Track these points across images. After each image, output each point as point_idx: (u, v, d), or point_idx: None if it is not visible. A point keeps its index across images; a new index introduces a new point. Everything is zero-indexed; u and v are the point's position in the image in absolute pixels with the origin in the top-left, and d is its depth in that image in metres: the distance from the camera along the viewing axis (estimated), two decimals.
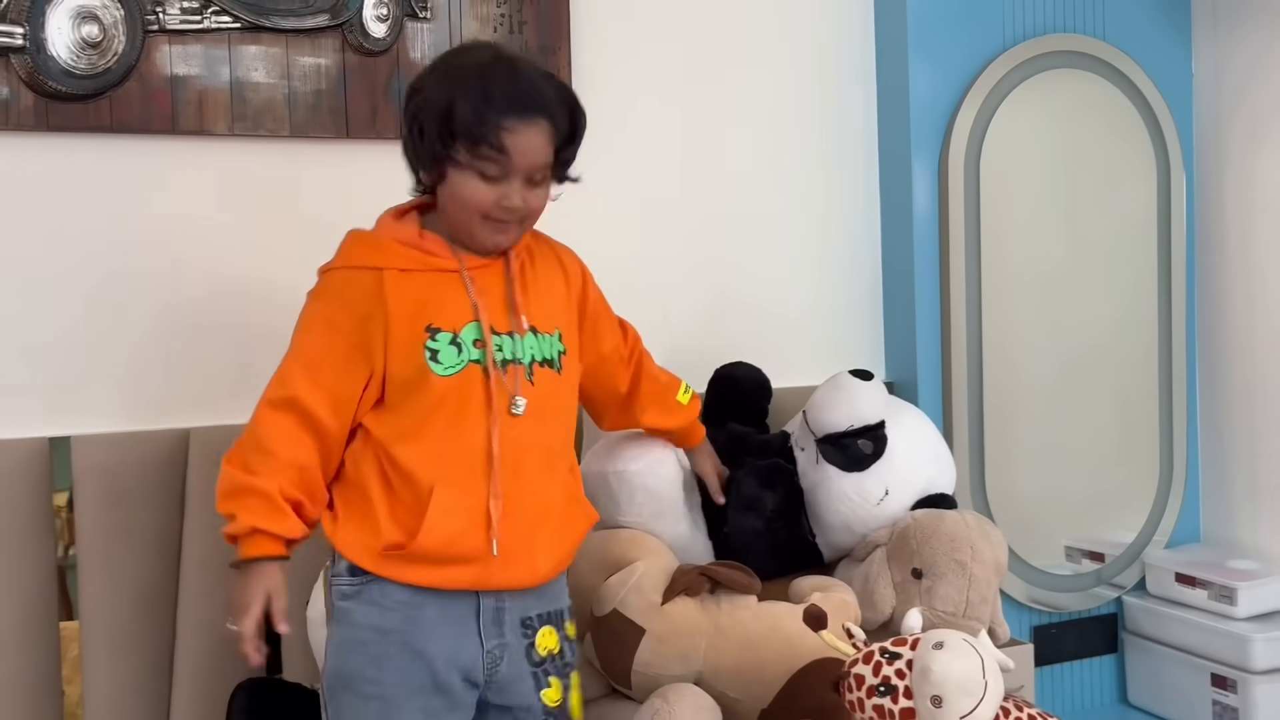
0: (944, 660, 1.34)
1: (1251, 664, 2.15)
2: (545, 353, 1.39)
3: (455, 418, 1.33)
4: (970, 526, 1.78)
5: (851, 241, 2.36)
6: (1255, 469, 2.40)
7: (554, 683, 1.41)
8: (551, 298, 1.44)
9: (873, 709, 1.39)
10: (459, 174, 1.34)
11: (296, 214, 1.95)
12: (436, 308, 1.35)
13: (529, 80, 1.35)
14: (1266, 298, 2.36)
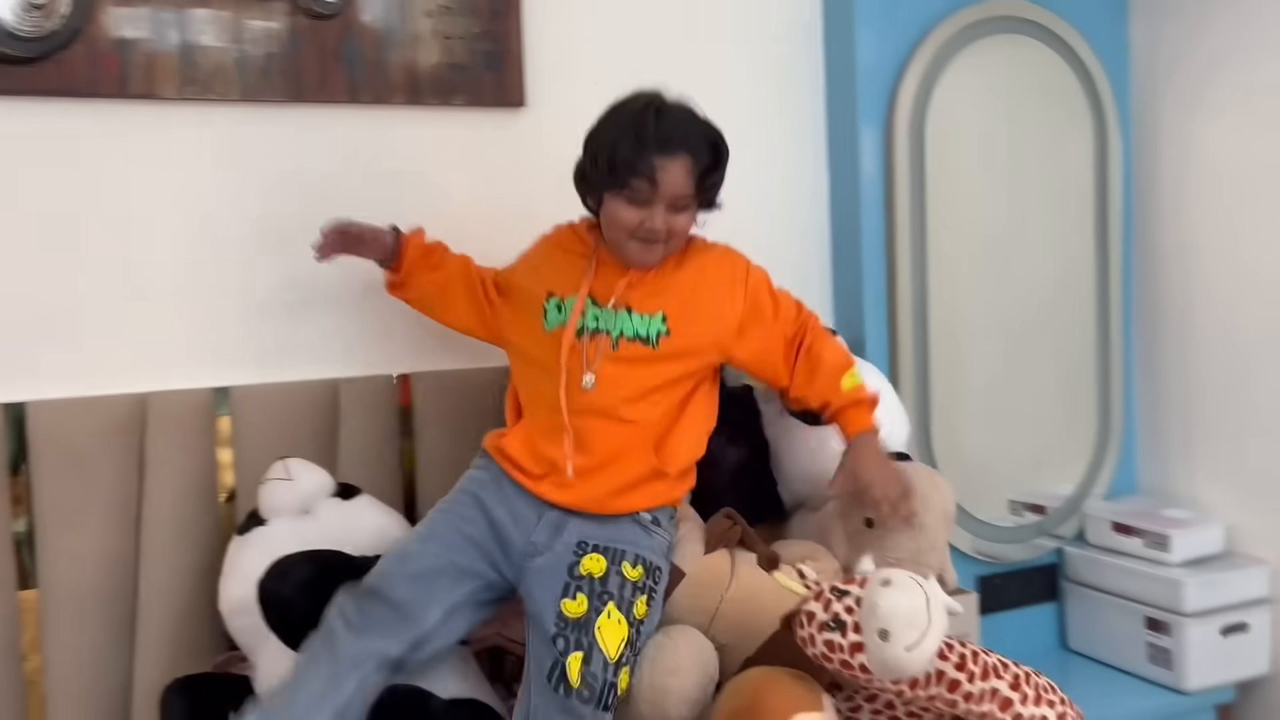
0: (891, 596, 1.39)
1: (1184, 607, 2.24)
2: (640, 330, 1.64)
3: (546, 368, 1.65)
4: (920, 478, 1.84)
5: (801, 204, 2.40)
6: (1189, 423, 2.48)
7: (581, 599, 1.54)
8: (674, 290, 1.67)
9: (823, 643, 1.44)
10: (613, 200, 1.63)
11: (248, 177, 1.96)
12: (558, 279, 1.69)
13: (675, 122, 1.63)
14: (1200, 258, 2.44)
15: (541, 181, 2.14)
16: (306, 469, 1.79)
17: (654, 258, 1.66)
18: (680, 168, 1.61)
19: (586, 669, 1.51)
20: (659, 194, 1.60)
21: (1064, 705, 1.56)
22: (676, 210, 1.63)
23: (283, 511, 1.76)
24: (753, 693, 1.49)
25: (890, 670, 1.41)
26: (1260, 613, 2.30)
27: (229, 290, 1.95)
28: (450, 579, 1.59)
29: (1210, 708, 2.31)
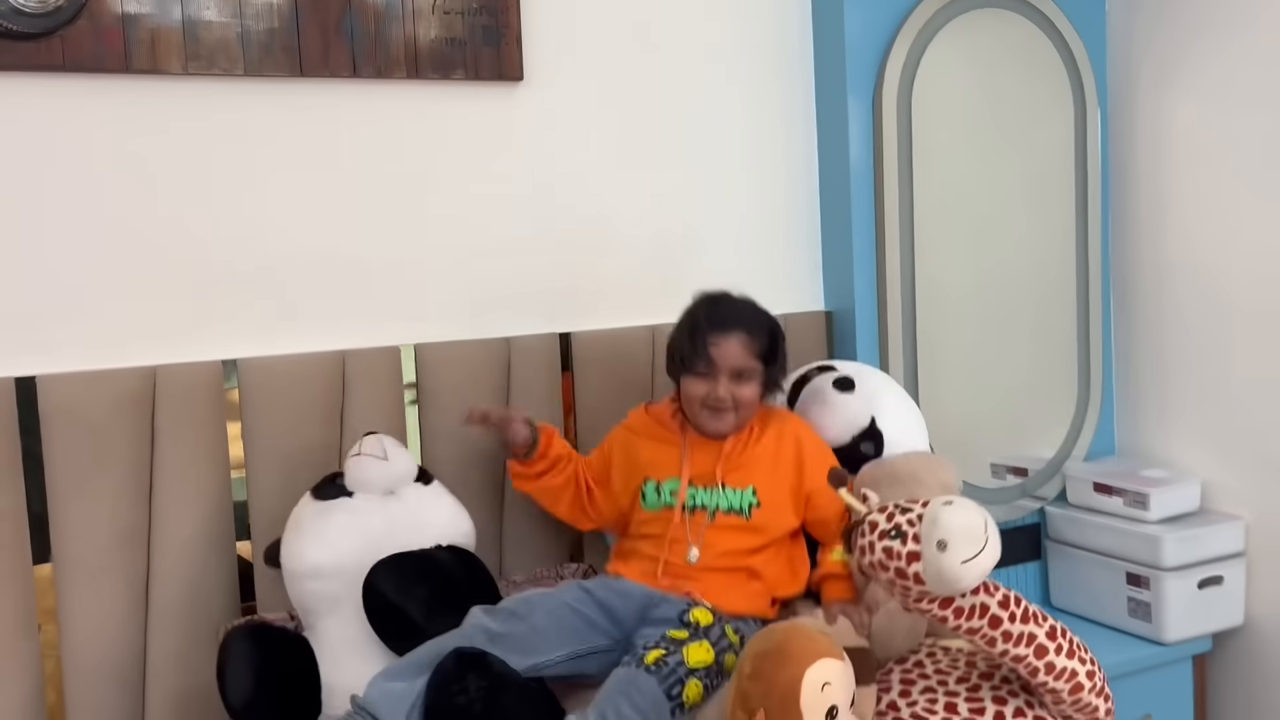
0: (952, 512, 1.45)
1: (1163, 562, 2.33)
2: (734, 503, 1.85)
3: (653, 540, 1.87)
4: (911, 461, 1.94)
5: (791, 179, 2.45)
6: (1164, 386, 2.57)
7: (684, 633, 1.67)
8: (758, 463, 1.88)
9: (882, 550, 1.49)
10: (686, 379, 1.89)
11: (253, 152, 1.98)
12: (653, 465, 1.90)
13: (728, 306, 1.92)
14: (1174, 227, 2.52)
15: (538, 154, 2.20)
16: (399, 451, 1.86)
17: (725, 425, 1.88)
18: (735, 343, 1.86)
19: (663, 658, 1.60)
20: (718, 367, 1.85)
21: (1093, 665, 1.63)
22: (739, 381, 1.86)
23: (371, 489, 1.81)
24: (781, 638, 1.54)
25: (944, 581, 1.45)
26: (1235, 566, 2.39)
27: (234, 263, 1.98)
28: (580, 626, 1.73)
29: (1188, 658, 2.40)
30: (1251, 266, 2.37)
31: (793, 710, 1.49)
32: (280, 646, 1.71)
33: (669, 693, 1.57)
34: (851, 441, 2.02)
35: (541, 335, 2.17)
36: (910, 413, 2.10)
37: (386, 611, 1.69)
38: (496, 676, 1.56)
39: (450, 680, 1.54)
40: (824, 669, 1.51)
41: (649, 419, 1.98)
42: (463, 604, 1.71)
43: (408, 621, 1.68)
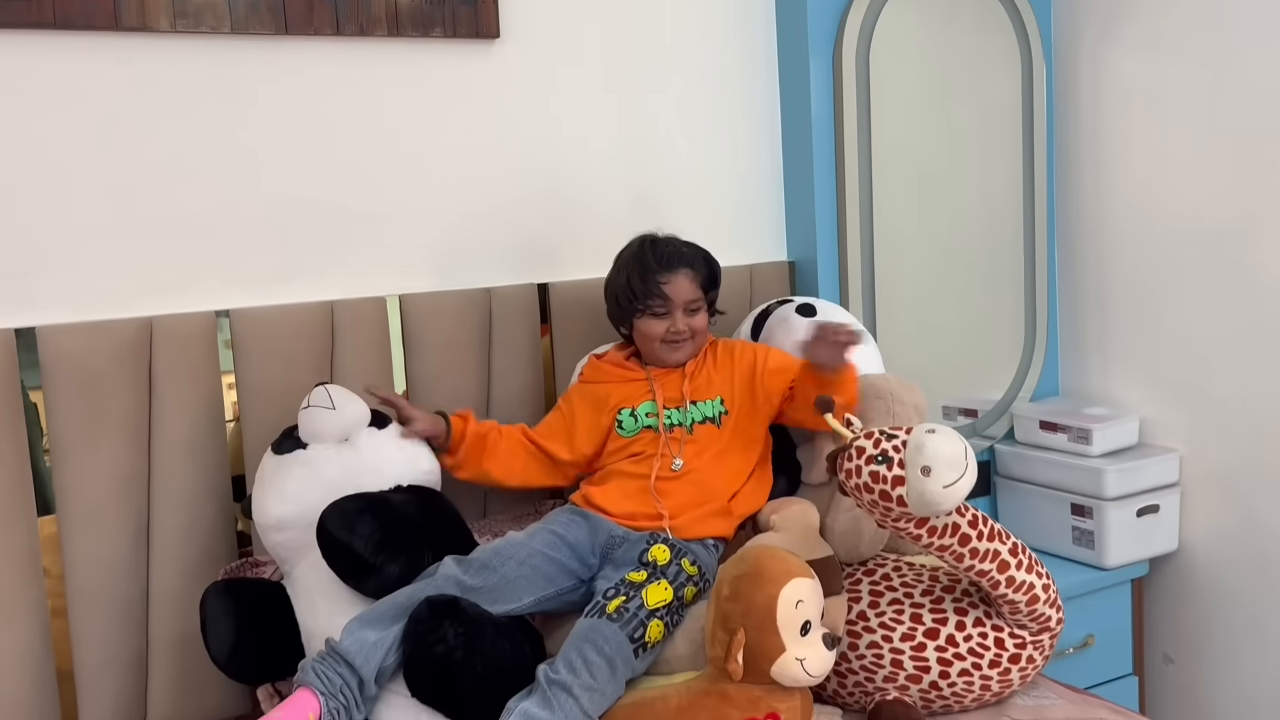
0: (936, 440, 1.56)
1: (1105, 492, 2.49)
2: (706, 414, 1.98)
3: (637, 459, 1.98)
4: (889, 380, 2.04)
5: (755, 135, 2.55)
6: (1105, 330, 2.73)
7: (643, 574, 1.76)
8: (716, 378, 2.01)
9: (868, 474, 1.60)
10: (641, 320, 2.02)
11: (241, 110, 2.03)
12: (625, 399, 2.02)
13: (668, 245, 2.04)
14: (1116, 177, 2.66)
15: (515, 110, 2.27)
16: (348, 398, 1.89)
17: (685, 354, 2.02)
18: (684, 278, 2.00)
19: (623, 604, 1.70)
20: (674, 303, 1.99)
21: (1048, 579, 1.78)
22: (692, 313, 2.01)
23: (324, 438, 1.85)
24: (755, 560, 1.66)
25: (925, 504, 1.57)
26: (1170, 496, 2.56)
27: (225, 216, 2.04)
28: (552, 572, 1.81)
29: (1127, 582, 2.58)
30: (1187, 215, 2.52)
31: (770, 627, 1.62)
32: (256, 597, 1.80)
33: (632, 636, 1.66)
34: None
35: (521, 286, 2.26)
36: (866, 340, 2.21)
37: (335, 550, 1.73)
38: (472, 621, 1.62)
39: (427, 630, 1.60)
40: (797, 588, 1.64)
41: (606, 365, 2.09)
42: (415, 540, 1.76)
43: (356, 558, 1.71)
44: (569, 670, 1.61)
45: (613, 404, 2.02)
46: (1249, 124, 2.39)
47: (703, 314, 2.04)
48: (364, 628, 1.65)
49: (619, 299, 2.04)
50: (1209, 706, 2.58)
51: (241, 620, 1.75)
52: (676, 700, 1.65)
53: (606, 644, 1.64)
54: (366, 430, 1.89)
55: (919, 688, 1.80)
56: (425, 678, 1.60)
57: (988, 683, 1.80)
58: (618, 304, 2.05)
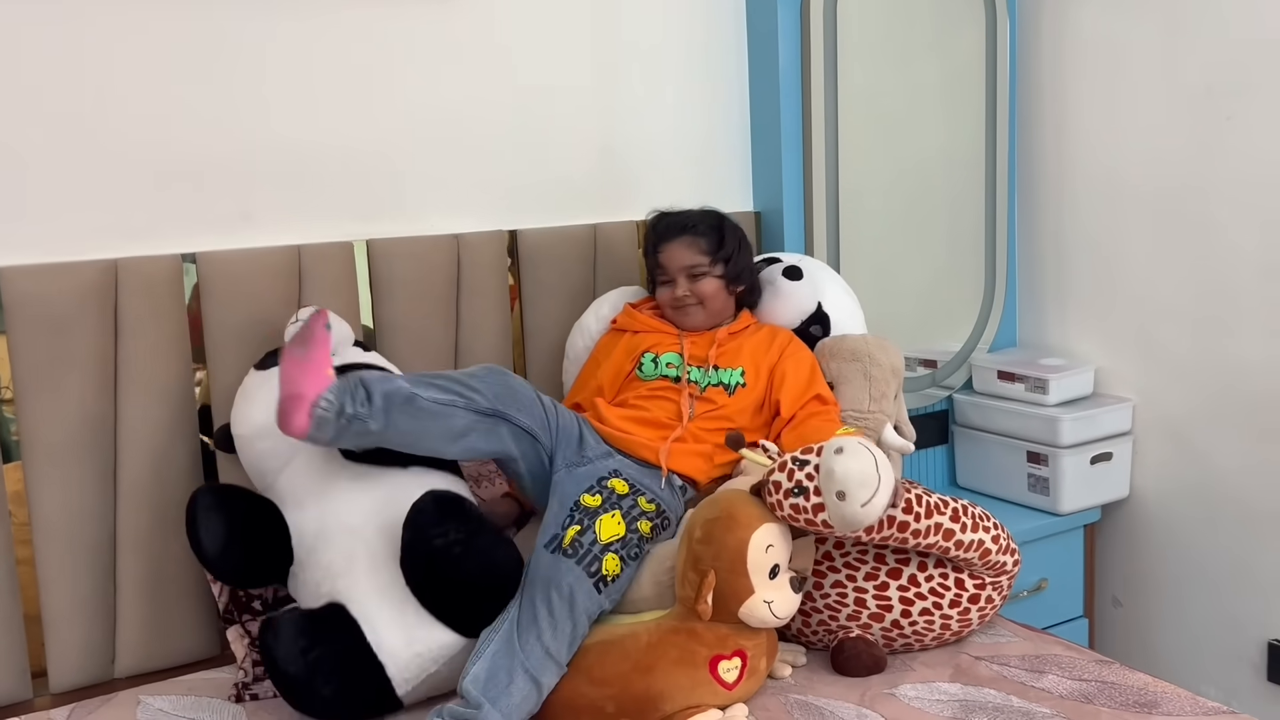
0: (844, 462, 1.59)
1: (1060, 440, 2.55)
2: (723, 380, 2.02)
3: (656, 401, 2.02)
4: (868, 341, 2.08)
5: (723, 88, 2.55)
6: (1063, 282, 2.78)
7: (599, 498, 1.80)
8: (745, 352, 2.05)
9: (789, 507, 1.65)
10: (657, 290, 2.13)
11: (209, 52, 2.00)
12: (654, 346, 2.08)
13: (671, 216, 2.14)
14: (1075, 133, 2.70)
15: (483, 59, 2.26)
16: (335, 319, 1.89)
17: (695, 320, 2.09)
18: (679, 246, 2.08)
19: (578, 537, 1.73)
20: (671, 271, 2.08)
21: (997, 529, 1.83)
22: (695, 279, 2.07)
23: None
24: (727, 505, 1.70)
25: (849, 524, 1.62)
26: (1123, 444, 2.63)
27: (192, 156, 2.01)
28: (528, 408, 1.86)
29: (1080, 527, 2.65)
30: (1145, 170, 2.57)
31: (740, 569, 1.66)
32: (246, 504, 1.81)
33: (589, 570, 1.70)
34: (801, 325, 2.18)
35: (489, 233, 2.26)
36: (849, 296, 2.26)
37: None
38: (474, 520, 1.70)
39: (430, 522, 1.67)
40: (767, 532, 1.68)
41: (642, 314, 2.14)
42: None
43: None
44: (530, 613, 1.65)
45: (642, 349, 2.08)
46: (1205, 80, 2.43)
47: (710, 280, 2.07)
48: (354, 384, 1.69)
49: (651, 281, 2.16)
50: (1155, 647, 2.67)
51: (231, 518, 1.76)
52: (646, 637, 1.68)
53: (564, 581, 1.67)
54: (351, 349, 1.92)
55: (881, 626, 1.85)
56: (419, 565, 1.66)
57: (948, 622, 1.86)
58: (651, 281, 2.16)
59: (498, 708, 1.57)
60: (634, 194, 2.44)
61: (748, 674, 1.69)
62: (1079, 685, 1.74)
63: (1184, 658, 2.62)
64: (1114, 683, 1.74)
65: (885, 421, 2.02)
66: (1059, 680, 1.76)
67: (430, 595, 1.68)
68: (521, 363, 2.32)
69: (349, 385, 1.67)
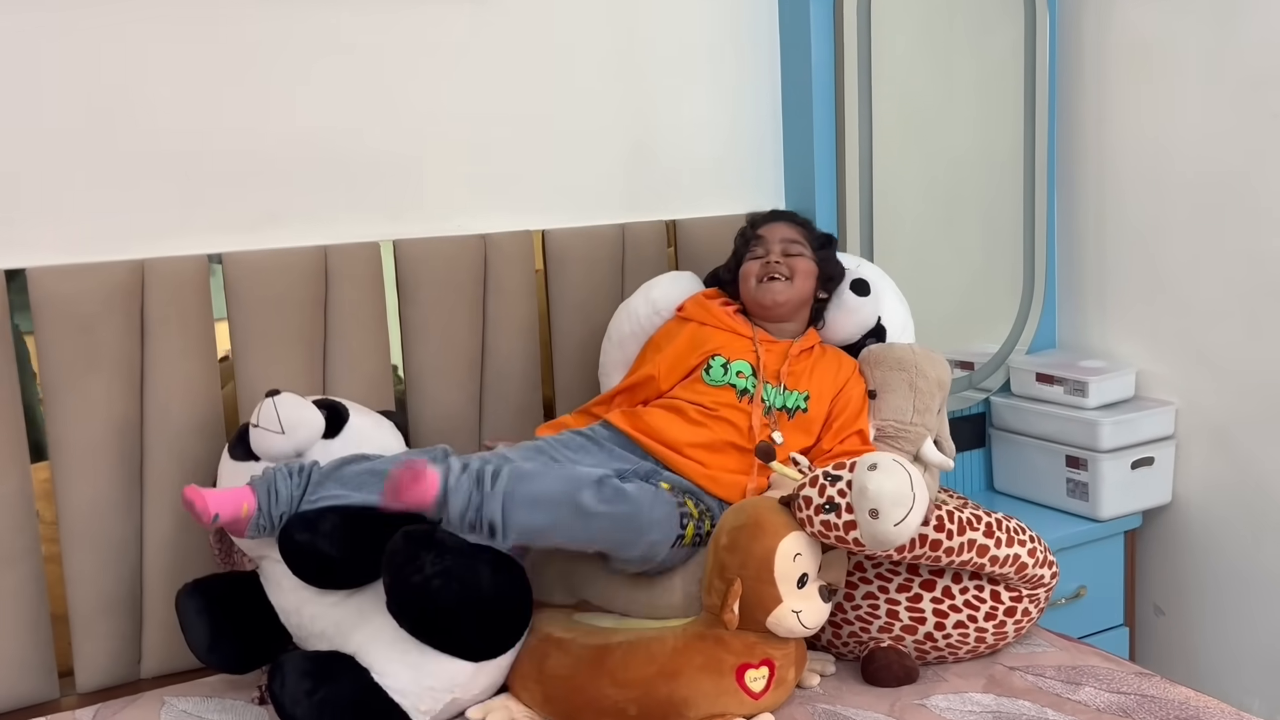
0: (878, 479, 1.55)
1: (1100, 445, 2.49)
2: (787, 403, 1.94)
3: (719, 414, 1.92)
4: (915, 352, 2.02)
5: (755, 84, 2.50)
6: (1104, 283, 2.71)
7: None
8: (814, 375, 1.99)
9: (820, 524, 1.61)
10: (745, 265, 2.05)
11: (232, 49, 1.99)
12: (724, 348, 1.98)
13: (773, 211, 2.19)
14: (1117, 129, 2.63)
15: (511, 58, 2.23)
16: (298, 420, 1.80)
17: (781, 295, 2.00)
18: (780, 225, 2.08)
19: (675, 494, 1.73)
20: (769, 241, 2.04)
21: (1034, 542, 1.78)
22: (789, 255, 2.02)
23: (274, 458, 1.80)
24: (754, 513, 1.66)
25: (881, 543, 1.58)
26: (1165, 449, 2.57)
27: (220, 158, 2.00)
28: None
29: (1120, 534, 2.59)
30: (1189, 168, 2.49)
31: (767, 579, 1.62)
32: (226, 591, 1.82)
33: (680, 520, 1.69)
34: (860, 340, 2.14)
35: (517, 233, 2.23)
36: (903, 305, 2.22)
37: (300, 557, 1.68)
38: (450, 551, 1.61)
39: (404, 561, 1.59)
40: (795, 541, 1.64)
41: (715, 307, 2.05)
42: (379, 527, 1.67)
43: (322, 557, 1.67)
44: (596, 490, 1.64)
45: (710, 347, 1.98)
46: (1252, 75, 2.36)
47: (804, 260, 2.03)
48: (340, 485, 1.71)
49: (731, 266, 2.09)
50: (1197, 658, 2.61)
51: (214, 615, 1.78)
52: (673, 642, 1.66)
53: (656, 507, 1.66)
54: (320, 444, 1.82)
55: (914, 639, 1.81)
56: (407, 607, 1.61)
57: (983, 635, 1.81)
58: (727, 268, 2.10)
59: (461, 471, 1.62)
60: (663, 194, 2.41)
61: (775, 684, 1.66)
62: (1117, 698, 1.69)
63: (1228, 669, 2.55)
64: (1154, 696, 1.69)
65: (926, 435, 1.97)
66: (1096, 693, 1.71)
67: (425, 633, 1.62)
68: (548, 363, 2.30)
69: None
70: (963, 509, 1.75)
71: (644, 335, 2.15)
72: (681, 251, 2.41)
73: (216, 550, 1.94)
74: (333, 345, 2.07)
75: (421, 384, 2.15)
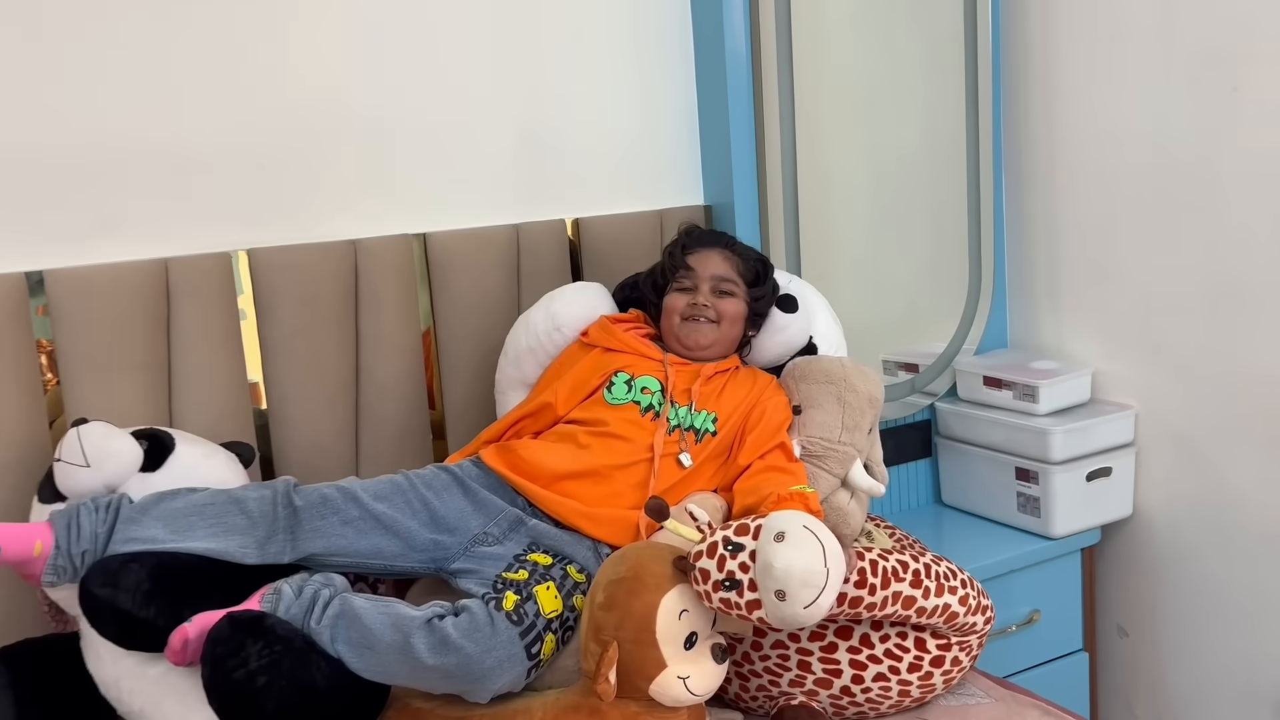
0: (785, 555, 1.33)
1: (1051, 456, 2.27)
2: (695, 424, 1.75)
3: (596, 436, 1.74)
4: (845, 365, 1.83)
5: (665, 66, 2.27)
6: (1055, 277, 2.49)
7: (523, 573, 1.53)
8: (725, 395, 1.79)
9: (719, 601, 1.38)
10: (668, 297, 1.85)
11: (58, 38, 1.75)
12: (629, 367, 1.80)
13: (710, 232, 1.98)
14: (1067, 110, 2.40)
15: (389, 43, 2.00)
16: (104, 453, 1.57)
17: (705, 338, 1.81)
18: (716, 256, 1.86)
19: (521, 604, 1.45)
20: (699, 275, 1.83)
21: (966, 588, 1.57)
22: (720, 294, 1.83)
23: (82, 495, 1.57)
24: (634, 563, 1.43)
25: (789, 625, 1.37)
26: (1124, 457, 2.34)
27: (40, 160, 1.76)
28: (380, 545, 1.58)
29: (1076, 551, 2.37)
30: (1145, 150, 2.27)
31: (648, 640, 1.40)
32: (40, 659, 1.57)
33: (529, 649, 1.42)
34: (789, 360, 1.94)
35: (393, 237, 2.00)
36: (835, 324, 2.03)
37: (99, 612, 1.44)
38: (281, 640, 1.37)
39: (227, 653, 1.35)
40: (680, 596, 1.42)
41: (621, 332, 1.85)
42: (198, 580, 1.48)
43: (124, 616, 1.43)
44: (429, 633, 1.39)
45: (614, 367, 1.79)
46: (1209, 49, 2.13)
47: (735, 303, 1.83)
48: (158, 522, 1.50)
49: (653, 283, 1.90)
50: (1165, 683, 2.39)
51: (18, 690, 1.52)
52: (541, 714, 1.43)
53: (492, 654, 1.38)
54: (137, 477, 1.59)
55: (829, 693, 1.59)
56: (227, 707, 1.36)
57: (906, 688, 1.59)
58: (652, 288, 1.90)
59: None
60: (562, 189, 2.18)
61: None
62: None
63: (1198, 695, 2.33)
64: None
65: (855, 457, 1.76)
66: None
67: None
68: (437, 385, 2.06)
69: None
70: (888, 555, 1.52)
71: (542, 352, 1.92)
72: (586, 253, 2.17)
73: (46, 606, 1.71)
74: (179, 370, 1.84)
75: (286, 411, 1.92)
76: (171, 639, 1.40)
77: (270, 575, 1.55)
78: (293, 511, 1.56)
